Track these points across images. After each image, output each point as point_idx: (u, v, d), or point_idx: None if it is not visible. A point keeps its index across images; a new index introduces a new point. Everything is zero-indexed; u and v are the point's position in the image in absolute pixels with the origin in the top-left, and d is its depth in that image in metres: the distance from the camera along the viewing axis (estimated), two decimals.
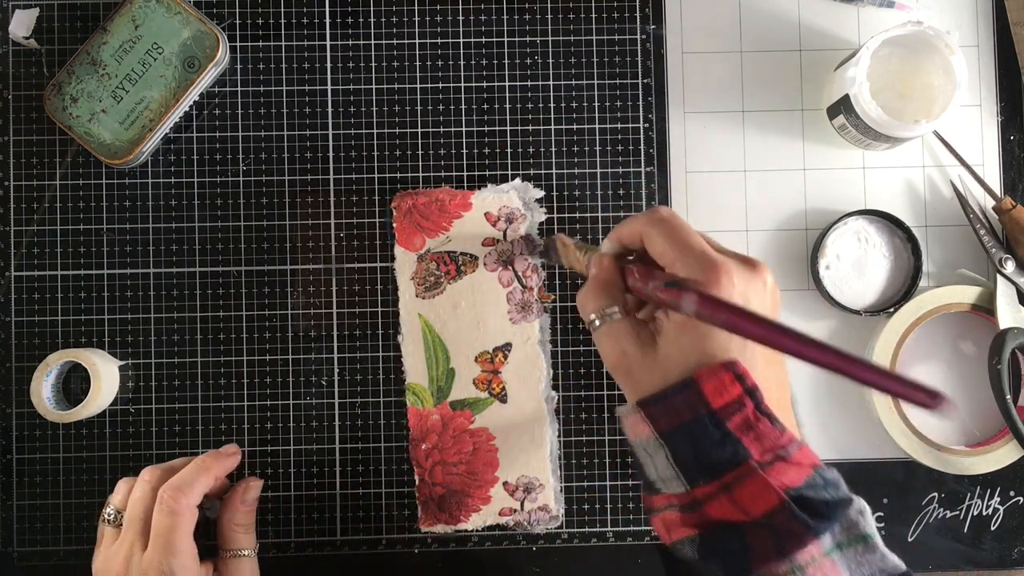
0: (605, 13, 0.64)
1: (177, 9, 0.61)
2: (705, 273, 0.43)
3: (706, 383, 0.42)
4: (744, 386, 0.42)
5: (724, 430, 0.41)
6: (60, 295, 0.62)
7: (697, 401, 0.42)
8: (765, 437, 0.41)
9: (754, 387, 0.42)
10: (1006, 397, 0.59)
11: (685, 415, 0.42)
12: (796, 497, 0.41)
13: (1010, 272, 0.61)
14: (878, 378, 0.37)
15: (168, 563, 0.53)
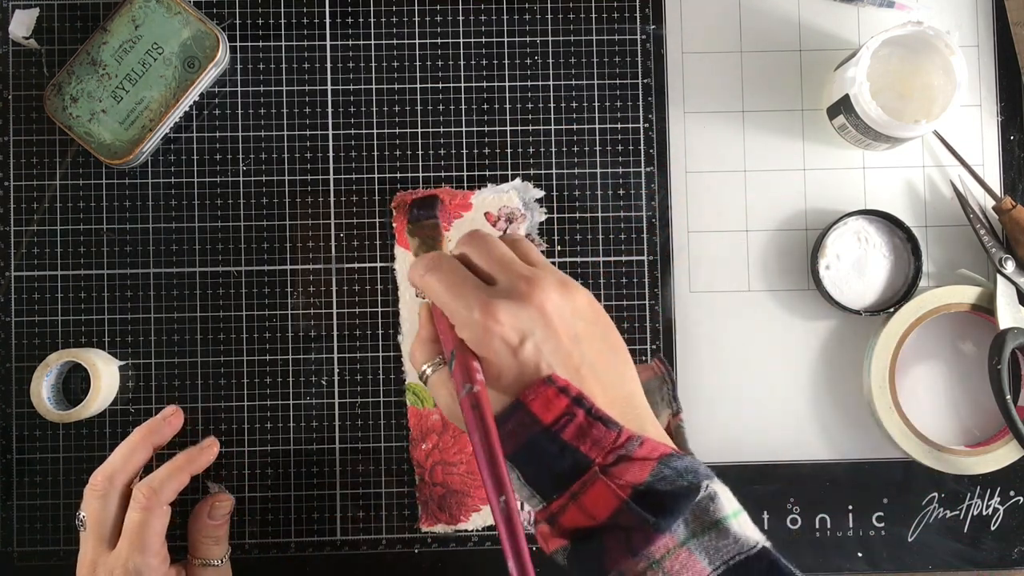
0: (605, 13, 0.64)
1: (177, 9, 0.61)
2: (521, 285, 0.44)
3: (533, 402, 0.42)
4: (569, 396, 0.42)
5: (560, 442, 0.42)
6: (60, 295, 0.62)
7: (529, 420, 0.42)
8: (601, 440, 0.42)
9: (579, 395, 0.42)
10: (1006, 397, 0.59)
11: (522, 436, 0.42)
12: (644, 492, 0.41)
13: (1010, 272, 0.61)
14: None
15: (134, 561, 0.53)
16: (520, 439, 0.42)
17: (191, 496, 0.62)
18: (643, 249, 0.63)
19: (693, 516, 0.41)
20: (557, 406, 0.42)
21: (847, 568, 0.62)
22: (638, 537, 0.41)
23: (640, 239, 0.63)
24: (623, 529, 0.41)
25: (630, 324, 0.63)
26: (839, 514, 0.63)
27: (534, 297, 0.44)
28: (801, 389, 0.63)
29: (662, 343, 0.63)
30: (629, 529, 0.41)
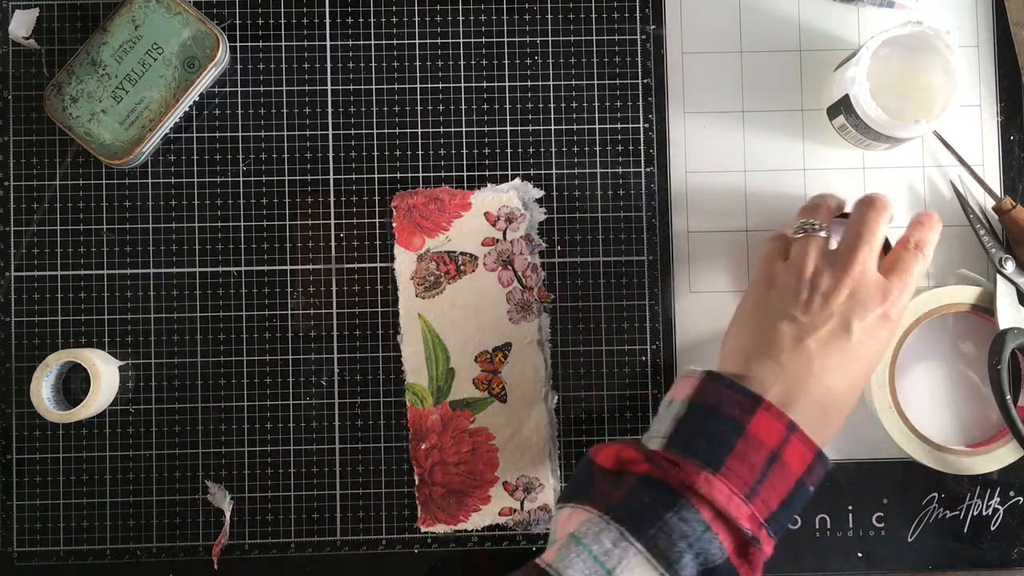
0: (605, 13, 0.64)
1: (177, 9, 0.61)
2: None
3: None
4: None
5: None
6: (60, 295, 0.62)
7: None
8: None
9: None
10: (1006, 397, 0.59)
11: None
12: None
13: (1010, 272, 0.61)
14: None
15: (901, 290, 0.50)
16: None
17: (191, 496, 0.62)
18: (643, 249, 0.63)
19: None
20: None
21: (847, 568, 0.62)
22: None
23: (640, 239, 0.63)
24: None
25: (630, 324, 0.63)
26: (839, 514, 0.63)
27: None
28: None
29: (662, 343, 0.63)
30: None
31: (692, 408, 0.46)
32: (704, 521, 0.43)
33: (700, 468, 0.44)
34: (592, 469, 0.48)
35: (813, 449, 0.47)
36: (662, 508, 0.43)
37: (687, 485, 0.44)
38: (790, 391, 0.48)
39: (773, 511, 0.45)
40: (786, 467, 0.45)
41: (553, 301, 0.63)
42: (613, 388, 0.63)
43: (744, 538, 0.44)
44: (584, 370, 0.63)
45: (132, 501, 0.62)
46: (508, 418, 0.62)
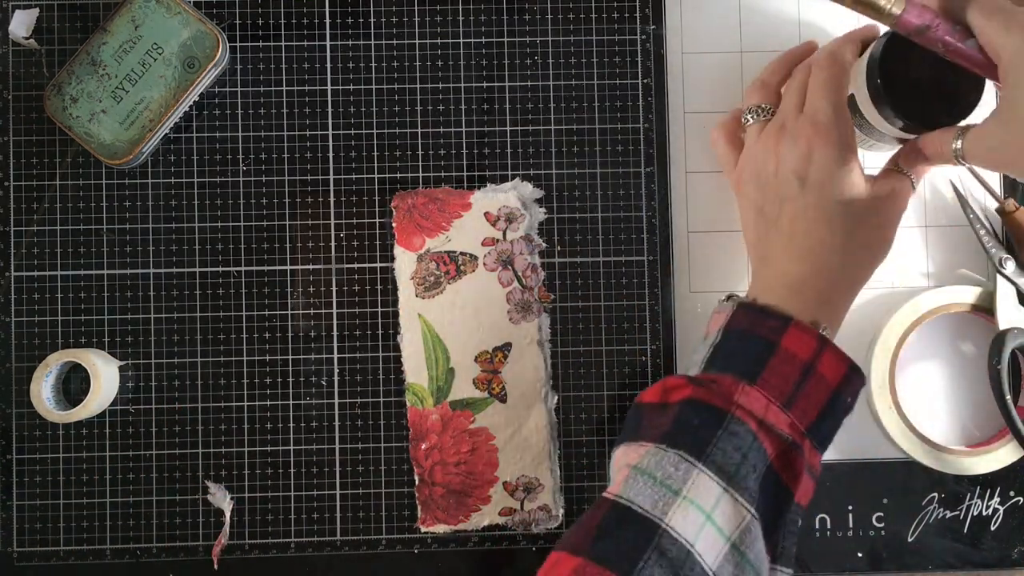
0: (605, 13, 0.64)
1: (177, 9, 0.61)
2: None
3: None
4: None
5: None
6: (60, 295, 0.62)
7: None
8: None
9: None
10: (1006, 397, 0.59)
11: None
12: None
13: (1010, 272, 0.61)
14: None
15: (826, 112, 0.51)
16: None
17: (191, 496, 0.62)
18: (643, 249, 0.63)
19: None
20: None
21: (847, 568, 0.62)
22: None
23: (640, 239, 0.63)
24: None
25: (630, 324, 0.63)
26: (839, 514, 0.63)
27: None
28: None
29: (662, 343, 0.63)
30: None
31: (726, 334, 0.49)
32: (752, 431, 0.45)
33: (737, 380, 0.46)
34: (639, 410, 0.49)
35: (846, 361, 0.48)
36: (713, 426, 0.45)
37: (730, 399, 0.46)
38: (794, 281, 0.50)
39: (813, 420, 0.47)
40: (821, 378, 0.47)
41: (553, 301, 0.63)
42: (613, 388, 0.63)
43: (785, 444, 0.45)
44: (584, 370, 0.63)
45: (132, 501, 0.62)
46: (508, 418, 0.62)
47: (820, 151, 0.50)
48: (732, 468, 0.44)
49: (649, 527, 0.43)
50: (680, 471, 0.44)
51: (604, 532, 0.43)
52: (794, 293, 0.50)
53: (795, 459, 0.45)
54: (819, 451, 0.47)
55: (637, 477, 0.44)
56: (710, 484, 0.43)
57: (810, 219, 0.50)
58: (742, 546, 0.43)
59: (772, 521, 0.45)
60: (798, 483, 0.45)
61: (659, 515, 0.43)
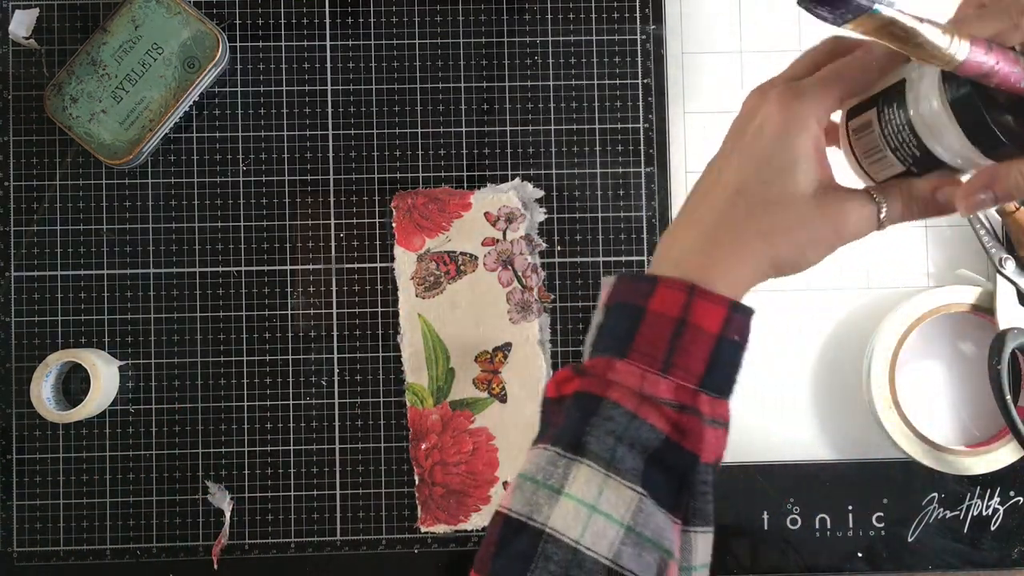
0: (605, 13, 0.64)
1: (177, 9, 0.61)
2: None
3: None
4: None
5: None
6: (60, 295, 0.62)
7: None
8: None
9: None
10: (1006, 397, 0.59)
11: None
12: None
13: (1010, 272, 0.61)
14: None
15: (814, 81, 0.44)
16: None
17: (191, 496, 0.62)
18: (643, 249, 0.63)
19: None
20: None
21: (847, 568, 0.62)
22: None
23: (640, 239, 0.63)
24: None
25: None
26: (839, 514, 0.63)
27: None
28: (801, 389, 0.63)
29: None
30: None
31: (607, 311, 0.47)
32: (628, 412, 0.44)
33: (609, 360, 0.45)
34: (544, 406, 0.48)
35: (723, 303, 0.45)
36: (588, 415, 0.44)
37: (604, 381, 0.45)
38: (691, 252, 0.46)
39: (701, 374, 0.44)
40: (697, 329, 0.44)
41: (553, 301, 0.63)
42: None
43: (673, 412, 0.44)
44: None
45: (132, 501, 0.62)
46: (508, 418, 0.62)
47: (771, 121, 0.45)
48: (608, 453, 0.43)
49: (534, 534, 0.43)
50: (559, 468, 0.43)
51: (499, 548, 0.43)
52: (685, 259, 0.46)
53: (689, 422, 0.44)
54: (721, 398, 0.45)
55: (523, 484, 0.44)
56: (591, 474, 0.43)
57: (730, 177, 0.46)
58: (637, 526, 0.43)
59: (676, 487, 0.44)
60: (701, 443, 0.44)
61: (542, 520, 0.43)
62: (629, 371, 0.44)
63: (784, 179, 0.45)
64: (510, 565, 0.42)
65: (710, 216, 0.46)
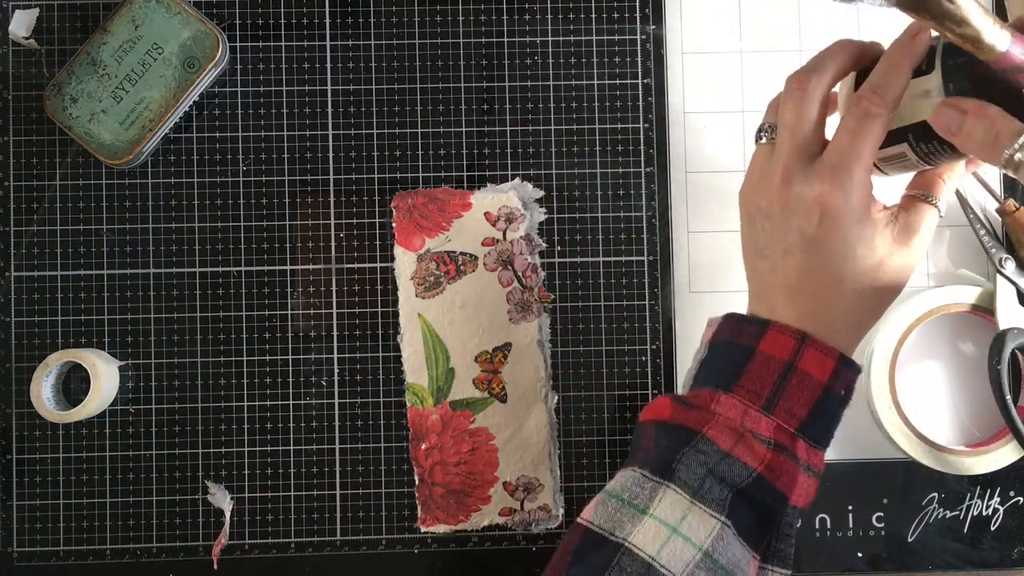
0: (605, 13, 0.64)
1: (177, 9, 0.61)
2: None
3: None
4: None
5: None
6: (60, 295, 0.62)
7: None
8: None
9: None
10: (1006, 397, 0.59)
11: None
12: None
13: (1010, 272, 0.61)
14: None
15: (841, 166, 0.44)
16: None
17: (191, 496, 0.62)
18: (643, 249, 0.63)
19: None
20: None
21: (847, 568, 0.62)
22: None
23: (640, 239, 0.63)
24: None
25: (630, 324, 0.63)
26: (839, 514, 0.63)
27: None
28: None
29: (662, 343, 0.63)
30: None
31: (712, 347, 0.48)
32: (720, 450, 0.45)
33: (714, 392, 0.46)
34: (637, 430, 0.49)
35: (833, 355, 0.46)
36: (680, 444, 0.45)
37: (708, 411, 0.46)
38: (801, 312, 0.47)
39: (803, 419, 0.46)
40: (805, 375, 0.46)
41: (553, 301, 0.63)
42: (613, 388, 0.63)
43: (771, 451, 0.45)
44: (584, 370, 0.63)
45: (132, 501, 0.62)
46: (508, 418, 0.62)
47: (832, 213, 0.45)
48: (696, 483, 0.44)
49: (613, 548, 0.44)
50: (646, 490, 0.45)
51: (577, 558, 0.44)
52: (798, 319, 0.47)
53: (784, 463, 0.45)
54: (818, 448, 0.47)
55: (607, 501, 0.46)
56: (677, 499, 0.44)
57: (816, 279, 0.46)
58: (715, 553, 0.44)
59: (763, 524, 0.45)
60: (793, 486, 0.45)
61: (623, 536, 0.44)
62: (733, 404, 0.45)
63: (868, 250, 0.47)
64: (585, 573, 0.43)
65: (826, 308, 0.47)
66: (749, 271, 0.50)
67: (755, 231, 0.49)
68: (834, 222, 0.45)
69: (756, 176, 0.49)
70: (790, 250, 0.47)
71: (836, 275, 0.46)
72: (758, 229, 0.48)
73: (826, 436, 0.47)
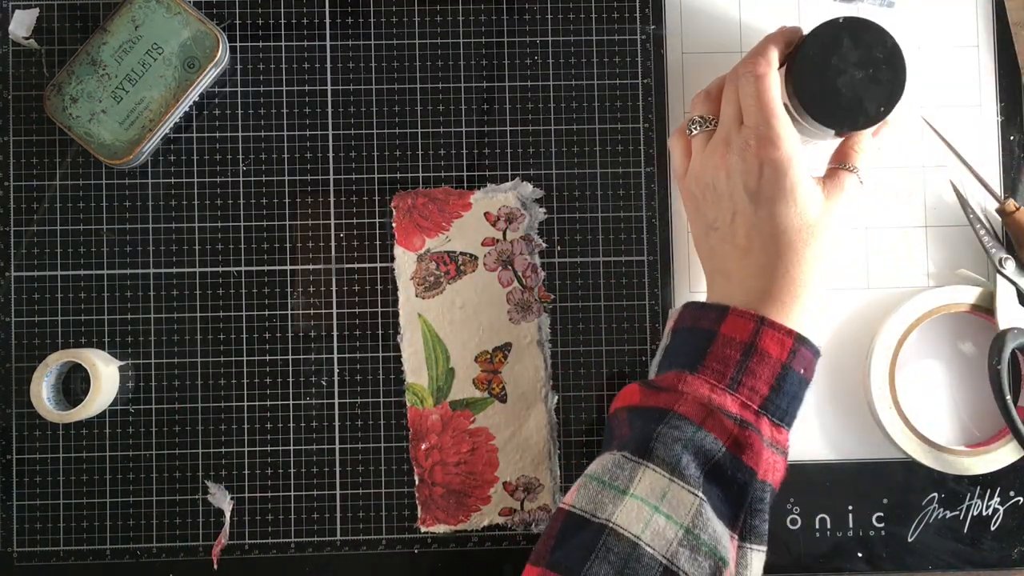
0: (605, 13, 0.64)
1: (177, 9, 0.61)
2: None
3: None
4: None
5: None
6: (60, 295, 0.62)
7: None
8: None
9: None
10: (1006, 397, 0.59)
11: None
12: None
13: (1010, 272, 0.61)
14: None
15: (766, 123, 0.51)
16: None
17: (191, 496, 0.62)
18: (643, 249, 0.63)
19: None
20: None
21: (847, 568, 0.62)
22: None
23: (640, 239, 0.63)
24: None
25: (630, 324, 0.63)
26: (839, 514, 0.63)
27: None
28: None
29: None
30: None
31: (674, 334, 0.51)
32: (693, 423, 0.47)
33: (680, 373, 0.48)
34: (609, 420, 0.51)
35: (791, 334, 0.49)
36: (653, 423, 0.47)
37: (675, 391, 0.48)
38: (752, 288, 0.51)
39: (765, 395, 0.48)
40: (765, 354, 0.48)
41: (553, 301, 0.63)
42: (613, 388, 0.63)
43: (736, 425, 0.47)
44: (584, 370, 0.63)
45: (132, 501, 0.62)
46: (508, 418, 0.62)
47: (768, 165, 0.51)
48: (674, 459, 0.46)
49: (597, 529, 0.45)
50: (626, 471, 0.46)
51: (560, 541, 0.46)
52: (753, 304, 0.50)
53: (750, 437, 0.47)
54: (782, 426, 0.49)
55: (588, 484, 0.47)
56: (656, 477, 0.45)
57: (765, 234, 0.51)
58: (696, 528, 0.45)
59: (734, 500, 0.46)
60: (759, 460, 0.46)
61: (606, 516, 0.45)
62: (699, 383, 0.48)
63: (824, 225, 0.52)
64: (570, 555, 0.44)
65: (779, 271, 0.51)
66: (702, 252, 0.55)
67: (703, 208, 0.53)
68: (773, 169, 0.51)
69: (698, 161, 0.54)
70: (737, 209, 0.51)
71: (780, 225, 0.50)
72: (707, 203, 0.53)
73: (789, 415, 0.49)
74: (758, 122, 0.51)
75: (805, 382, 0.50)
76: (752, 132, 0.51)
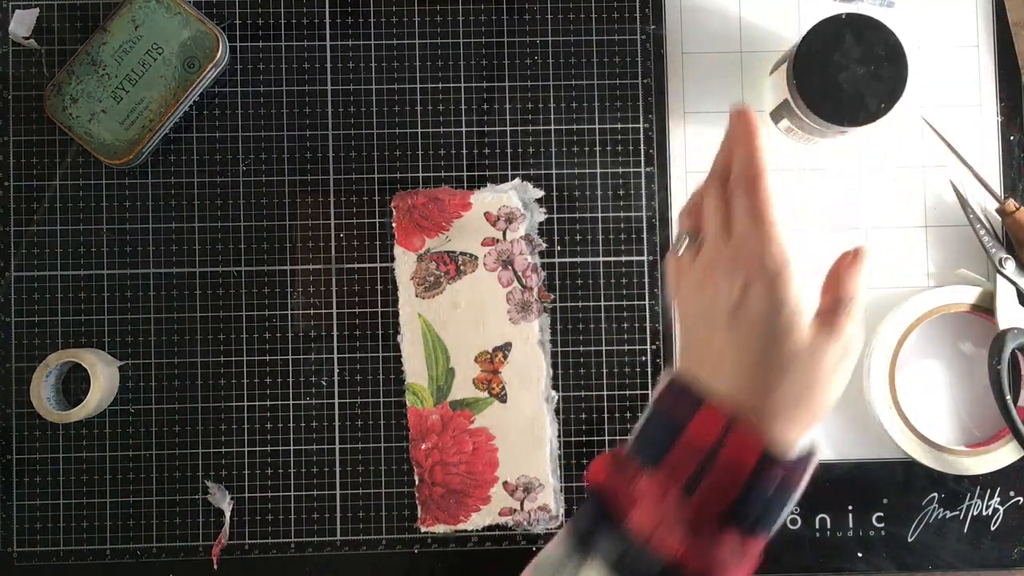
0: (605, 13, 0.64)
1: (177, 9, 0.61)
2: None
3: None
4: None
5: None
6: (60, 295, 0.62)
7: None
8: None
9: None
10: (1006, 397, 0.59)
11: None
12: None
13: (1010, 272, 0.61)
14: None
15: (758, 208, 0.46)
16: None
17: (191, 496, 0.62)
18: (643, 249, 0.63)
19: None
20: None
21: (847, 568, 0.62)
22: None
23: (640, 239, 0.63)
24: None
25: (630, 324, 0.63)
26: (839, 514, 0.63)
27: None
28: None
29: (662, 343, 0.63)
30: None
31: (652, 414, 0.47)
32: (639, 536, 0.44)
33: (639, 470, 0.45)
34: (587, 492, 0.48)
35: (759, 445, 0.44)
36: (601, 519, 0.45)
37: (629, 498, 0.45)
38: (739, 393, 0.46)
39: (730, 503, 0.43)
40: (728, 461, 0.44)
41: (553, 301, 0.63)
42: (613, 388, 0.63)
43: (688, 539, 0.43)
44: (584, 370, 0.63)
45: (132, 501, 0.62)
46: (508, 418, 0.62)
47: (754, 285, 0.46)
48: (616, 557, 0.44)
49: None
50: (566, 570, 0.45)
51: None
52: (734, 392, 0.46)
53: (701, 548, 0.43)
54: (752, 536, 0.44)
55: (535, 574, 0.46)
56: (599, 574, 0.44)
57: (742, 350, 0.46)
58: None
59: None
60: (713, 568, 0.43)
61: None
62: (654, 484, 0.44)
63: (806, 364, 0.46)
64: None
65: (757, 379, 0.45)
66: (682, 346, 0.50)
67: (688, 323, 0.49)
68: (756, 289, 0.46)
69: (699, 274, 0.48)
70: (718, 327, 0.47)
71: (760, 351, 0.45)
72: (691, 320, 0.48)
73: (759, 524, 0.44)
74: (747, 236, 0.47)
75: (785, 489, 0.44)
76: (741, 248, 0.47)
